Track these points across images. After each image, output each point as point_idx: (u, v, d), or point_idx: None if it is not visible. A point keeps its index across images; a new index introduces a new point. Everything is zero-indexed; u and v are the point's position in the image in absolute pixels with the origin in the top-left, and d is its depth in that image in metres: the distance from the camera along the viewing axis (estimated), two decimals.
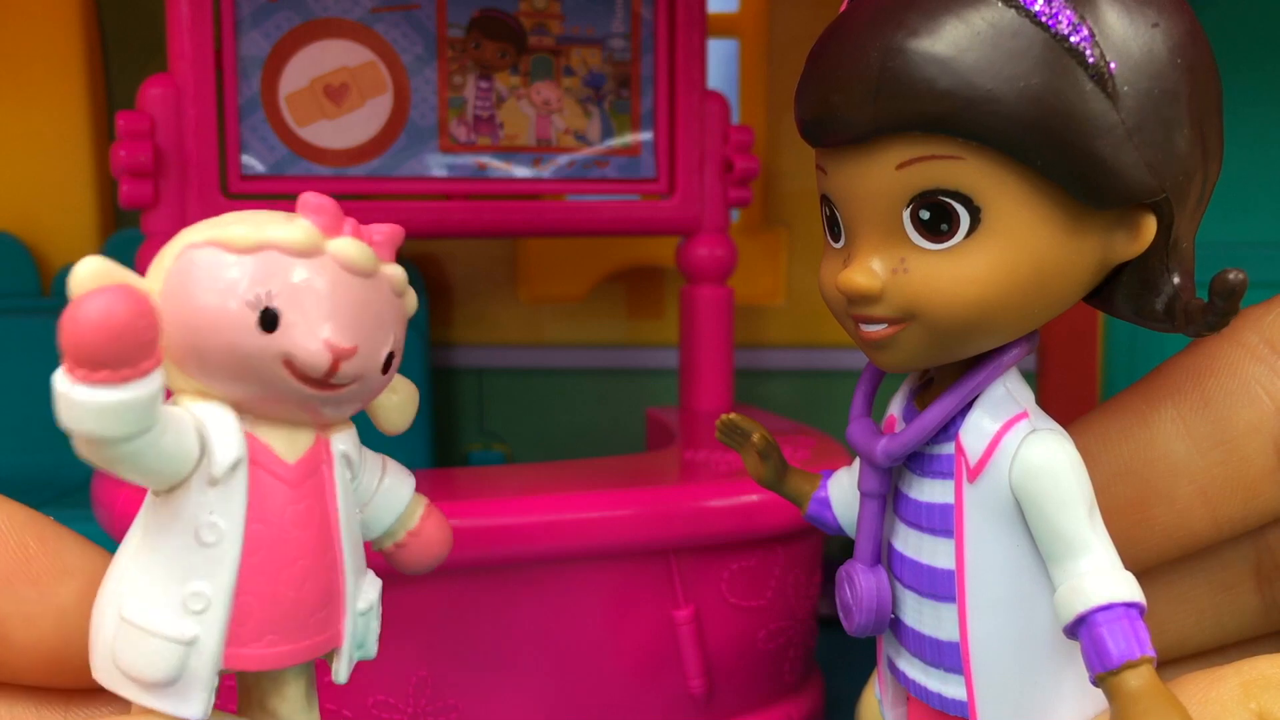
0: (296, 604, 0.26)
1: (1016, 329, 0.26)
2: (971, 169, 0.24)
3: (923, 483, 0.28)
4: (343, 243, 0.26)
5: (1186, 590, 0.34)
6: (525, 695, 0.43)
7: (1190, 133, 0.25)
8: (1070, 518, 0.26)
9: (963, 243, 0.25)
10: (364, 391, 0.27)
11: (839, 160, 0.26)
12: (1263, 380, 0.31)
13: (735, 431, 0.32)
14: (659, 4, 0.52)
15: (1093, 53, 0.24)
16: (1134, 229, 0.25)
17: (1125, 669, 0.24)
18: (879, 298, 0.26)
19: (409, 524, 0.30)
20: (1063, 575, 0.26)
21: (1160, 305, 0.27)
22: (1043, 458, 0.26)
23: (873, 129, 0.25)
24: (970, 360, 0.27)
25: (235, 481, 0.25)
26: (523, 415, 0.69)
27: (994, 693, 0.27)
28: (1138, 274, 0.27)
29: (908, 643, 0.29)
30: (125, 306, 0.22)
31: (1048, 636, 0.27)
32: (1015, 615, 0.27)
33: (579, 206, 0.54)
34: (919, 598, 0.28)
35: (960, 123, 0.24)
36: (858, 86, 0.25)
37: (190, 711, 0.25)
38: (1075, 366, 0.65)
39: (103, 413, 0.22)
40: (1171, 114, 0.25)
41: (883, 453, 0.28)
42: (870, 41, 0.25)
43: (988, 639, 0.27)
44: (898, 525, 0.29)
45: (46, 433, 0.29)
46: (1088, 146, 0.24)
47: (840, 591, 0.29)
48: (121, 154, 0.45)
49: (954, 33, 0.24)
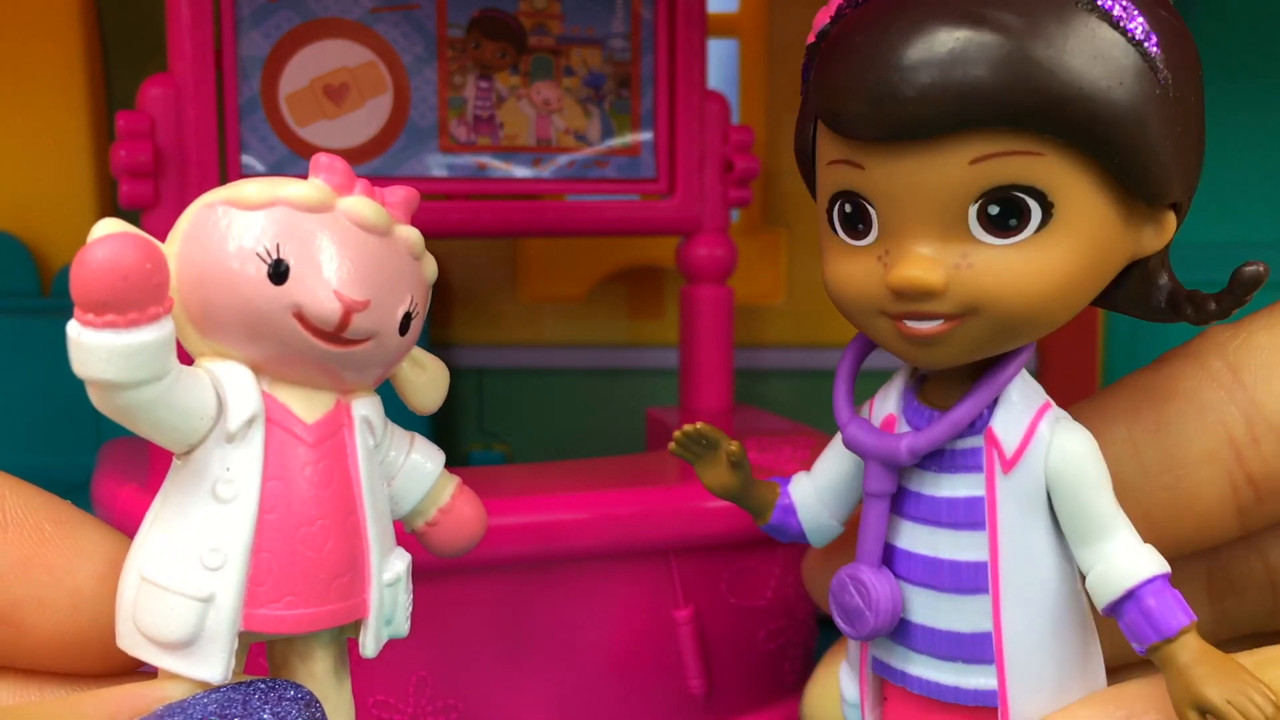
0: (317, 565, 0.26)
1: (1063, 321, 0.27)
2: (1049, 165, 0.25)
3: (940, 478, 0.28)
4: (354, 200, 0.26)
5: None
6: (525, 695, 0.43)
7: (1201, 138, 0.27)
8: (1103, 500, 0.27)
9: (1031, 237, 0.25)
10: (382, 353, 0.27)
11: (891, 156, 0.25)
12: (1220, 408, 0.30)
13: (698, 443, 0.31)
14: (659, 4, 0.52)
15: (1160, 59, 0.25)
16: (1160, 225, 0.27)
17: (1180, 636, 0.25)
18: (942, 293, 0.26)
19: (440, 500, 0.30)
20: (1094, 556, 0.27)
21: (1162, 299, 0.28)
22: (1077, 443, 0.27)
23: (954, 123, 0.24)
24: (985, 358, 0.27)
25: (252, 438, 0.25)
26: (523, 415, 0.69)
27: (1027, 679, 0.27)
28: (1143, 271, 0.28)
29: (915, 641, 0.29)
30: (131, 250, 0.22)
31: (1076, 620, 0.28)
32: (1050, 603, 0.27)
33: (579, 206, 0.54)
34: (935, 594, 0.28)
35: (1048, 121, 0.24)
36: (940, 78, 0.24)
37: (209, 673, 0.25)
38: (1075, 366, 0.65)
39: (111, 357, 0.23)
40: (1197, 120, 0.26)
41: (909, 451, 0.28)
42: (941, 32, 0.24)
43: (1021, 627, 0.27)
44: (902, 524, 0.29)
45: (47, 433, 0.29)
46: (1157, 148, 0.25)
47: (843, 596, 0.29)
48: (121, 154, 0.45)
49: (1044, 28, 0.24)
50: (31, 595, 0.27)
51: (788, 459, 0.46)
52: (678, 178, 0.53)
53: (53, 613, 0.27)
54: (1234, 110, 0.63)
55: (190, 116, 0.46)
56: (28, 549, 0.27)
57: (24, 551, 0.27)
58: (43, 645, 0.27)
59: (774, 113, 0.66)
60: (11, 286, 0.62)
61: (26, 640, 0.27)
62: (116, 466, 0.45)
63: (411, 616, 0.28)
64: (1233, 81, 0.63)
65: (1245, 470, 0.30)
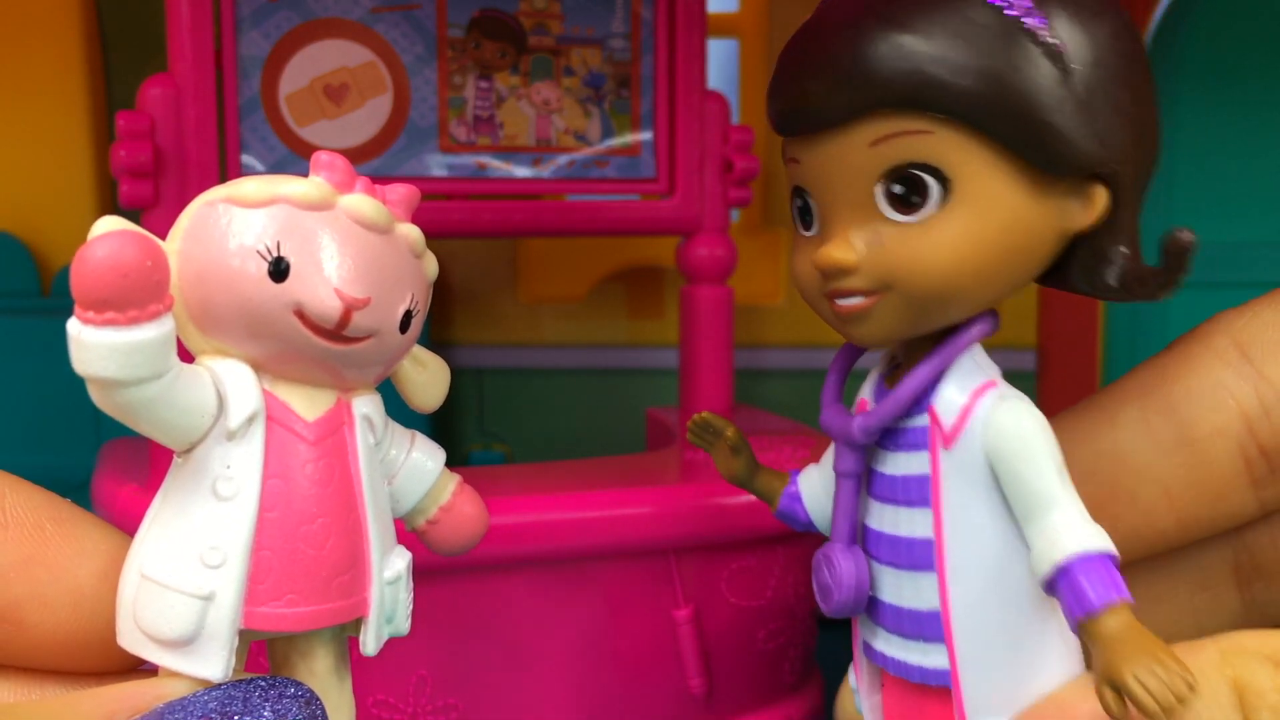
0: (317, 563, 0.26)
1: (985, 298, 0.28)
2: (940, 142, 0.26)
3: (896, 456, 0.29)
4: (355, 198, 0.26)
5: (1165, 590, 0.34)
6: (525, 694, 0.43)
7: (1132, 110, 0.27)
8: (1041, 474, 0.27)
9: (935, 214, 0.27)
10: (383, 351, 0.27)
11: (812, 147, 0.28)
12: (1230, 384, 0.31)
13: (708, 430, 0.33)
14: (659, 4, 0.52)
15: (1046, 33, 0.26)
16: (1087, 199, 0.27)
17: (1106, 612, 0.25)
18: (855, 270, 0.27)
19: (440, 499, 0.30)
20: (1036, 532, 0.27)
21: (1113, 277, 0.28)
22: (1013, 420, 0.27)
23: (848, 111, 0.27)
24: (937, 338, 0.28)
25: (252, 436, 0.25)
26: (523, 415, 0.69)
27: (976, 657, 0.28)
28: (1090, 247, 0.28)
29: (885, 620, 0.29)
30: (132, 248, 0.22)
31: (1028, 599, 0.27)
32: (995, 579, 0.27)
33: (579, 206, 0.54)
34: (898, 571, 0.29)
35: (929, 99, 0.26)
36: (833, 73, 0.27)
37: (210, 671, 0.25)
38: (1075, 366, 0.65)
39: (111, 354, 0.23)
40: (1114, 93, 0.27)
41: (859, 429, 0.29)
42: (843, 32, 0.27)
43: (968, 604, 0.28)
44: (871, 504, 0.30)
45: (47, 432, 0.29)
46: (1045, 118, 0.26)
47: (818, 574, 0.30)
48: (121, 154, 0.45)
49: (921, 18, 0.26)
50: (32, 593, 0.27)
51: (788, 459, 0.46)
52: (678, 178, 0.53)
53: (53, 611, 0.27)
54: (1234, 110, 0.63)
55: (190, 116, 0.46)
56: (29, 547, 0.27)
57: (25, 550, 0.27)
58: (43, 643, 0.27)
59: None
60: (11, 286, 0.62)
61: (27, 638, 0.27)
62: (116, 466, 0.45)
63: (412, 615, 0.28)
64: (1232, 82, 0.63)
65: (1258, 442, 0.31)
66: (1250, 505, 0.31)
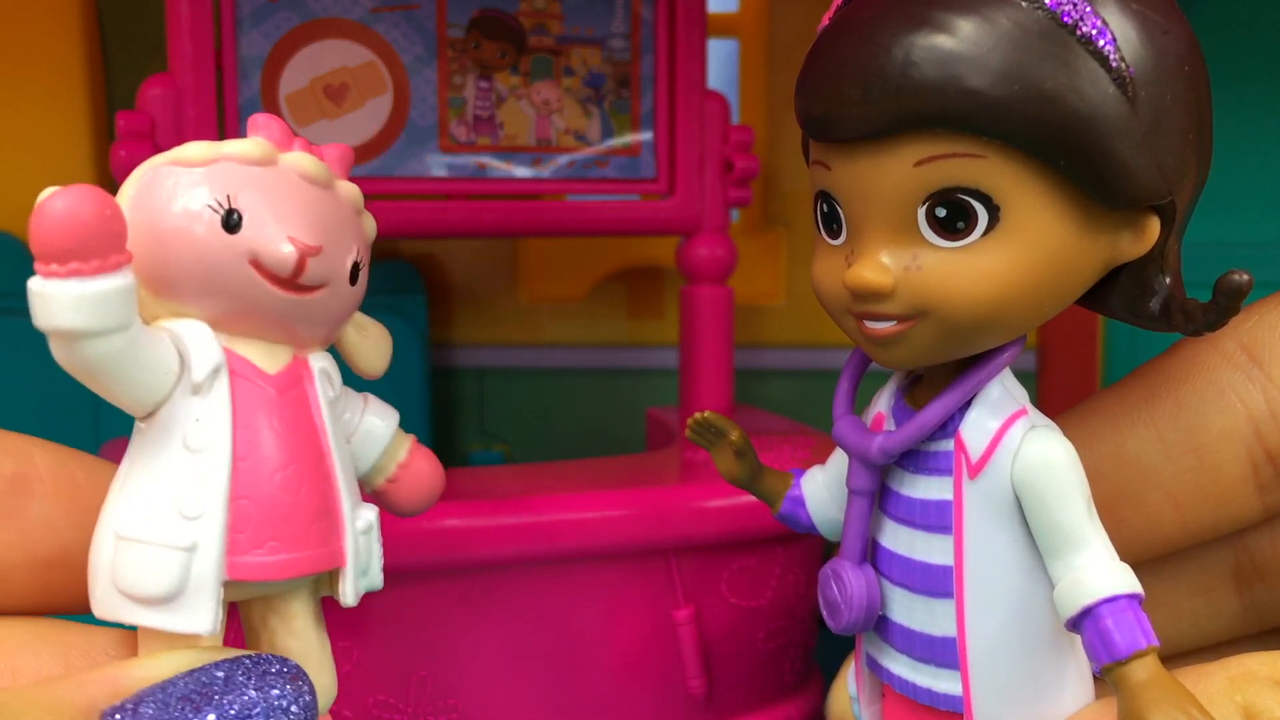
0: (294, 509, 0.26)
1: (1023, 327, 0.26)
2: (993, 168, 0.24)
3: (916, 479, 0.28)
4: (296, 155, 0.27)
5: (1165, 593, 0.34)
6: (525, 694, 0.43)
7: (1193, 138, 0.25)
8: (1070, 512, 0.26)
9: (979, 240, 0.25)
10: (334, 303, 0.27)
11: (848, 156, 0.26)
12: (1237, 387, 0.31)
13: (709, 430, 0.32)
14: (659, 4, 0.52)
15: (1115, 56, 0.24)
16: (1140, 230, 0.26)
17: (1133, 659, 0.25)
18: (891, 295, 0.25)
19: (398, 455, 0.30)
20: (1063, 569, 0.26)
21: (1155, 305, 0.27)
22: (1044, 453, 0.26)
23: (893, 125, 0.25)
24: (965, 358, 0.27)
25: (218, 388, 0.26)
26: (523, 415, 0.69)
27: (992, 687, 0.27)
28: (1134, 275, 0.27)
29: (895, 640, 0.29)
30: (89, 199, 0.23)
31: (1048, 631, 0.27)
32: (1016, 612, 0.27)
33: (579, 206, 0.54)
34: (910, 594, 0.28)
35: (985, 122, 0.24)
36: (878, 82, 0.24)
37: (199, 625, 0.25)
38: (1075, 366, 0.65)
39: (79, 305, 0.23)
40: (1180, 120, 0.25)
41: (879, 450, 0.28)
42: (890, 36, 0.24)
43: (987, 634, 0.27)
44: (885, 522, 0.29)
45: (47, 432, 0.29)
46: (1109, 148, 0.24)
47: (826, 590, 0.29)
48: (121, 154, 0.45)
49: (979, 31, 0.24)
50: (80, 540, 0.27)
51: (788, 459, 0.46)
52: (677, 178, 0.53)
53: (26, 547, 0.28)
54: (1234, 110, 0.63)
55: (190, 116, 0.46)
56: (66, 499, 0.28)
57: (64, 501, 0.28)
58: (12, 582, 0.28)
59: (774, 113, 0.66)
60: (11, 286, 0.62)
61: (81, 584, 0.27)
62: None
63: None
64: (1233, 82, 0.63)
65: (1265, 447, 0.30)
66: (1255, 509, 0.31)
